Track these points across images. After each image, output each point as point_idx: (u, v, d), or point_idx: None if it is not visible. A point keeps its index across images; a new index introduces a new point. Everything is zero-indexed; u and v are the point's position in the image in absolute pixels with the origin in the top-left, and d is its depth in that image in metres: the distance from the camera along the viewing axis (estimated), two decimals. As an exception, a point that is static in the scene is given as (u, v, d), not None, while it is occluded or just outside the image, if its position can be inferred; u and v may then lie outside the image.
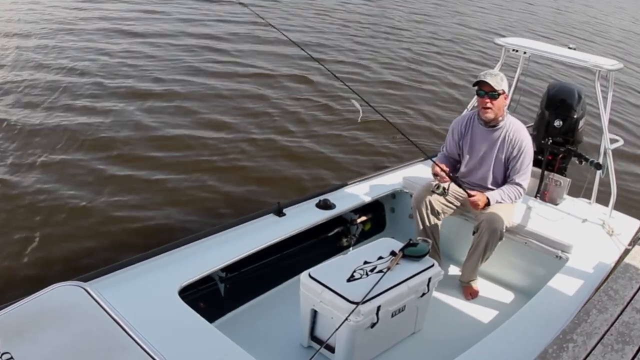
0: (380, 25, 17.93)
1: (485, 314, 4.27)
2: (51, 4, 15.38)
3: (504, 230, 4.20)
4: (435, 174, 4.39)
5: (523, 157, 4.34)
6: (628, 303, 3.34)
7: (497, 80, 4.17)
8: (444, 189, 4.29)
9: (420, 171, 5.21)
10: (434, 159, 4.48)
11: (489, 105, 4.23)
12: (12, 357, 1.95)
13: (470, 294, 4.45)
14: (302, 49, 4.71)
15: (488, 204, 4.28)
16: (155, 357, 1.98)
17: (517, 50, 4.99)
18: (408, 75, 12.79)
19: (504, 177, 4.47)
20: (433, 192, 4.33)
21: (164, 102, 9.39)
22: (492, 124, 4.36)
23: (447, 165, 4.50)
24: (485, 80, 4.17)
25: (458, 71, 13.70)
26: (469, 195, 4.22)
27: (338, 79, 4.76)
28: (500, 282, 4.64)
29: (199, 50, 12.48)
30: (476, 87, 4.27)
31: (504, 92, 4.23)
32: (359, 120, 4.57)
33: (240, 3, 5.90)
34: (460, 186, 4.28)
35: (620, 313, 3.23)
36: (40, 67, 10.51)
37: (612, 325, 3.11)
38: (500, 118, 4.34)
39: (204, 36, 13.62)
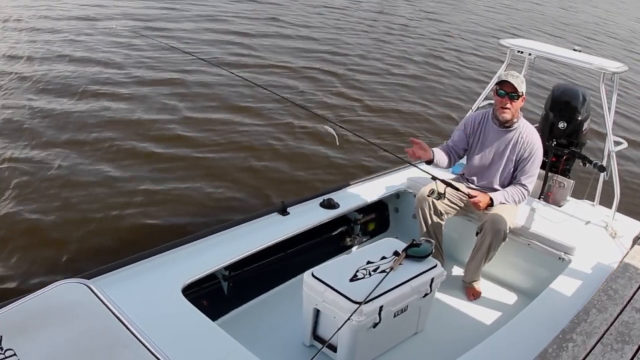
0: (390, 23, 18.34)
1: (487, 315, 4.28)
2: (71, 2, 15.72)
3: (508, 231, 4.20)
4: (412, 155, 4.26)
5: (533, 160, 4.34)
6: (627, 303, 3.35)
7: (519, 82, 4.20)
8: (439, 193, 4.28)
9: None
10: (434, 149, 4.46)
11: (507, 105, 4.25)
12: (15, 354, 1.97)
13: (473, 294, 4.46)
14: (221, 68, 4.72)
15: (491, 204, 4.28)
16: (157, 354, 1.99)
17: (522, 52, 4.99)
18: (417, 72, 12.98)
19: (512, 179, 4.47)
20: (428, 196, 4.34)
21: (171, 98, 9.49)
22: (507, 125, 4.36)
23: (446, 155, 4.50)
24: (508, 80, 4.19)
25: (466, 70, 13.82)
26: (470, 197, 4.23)
27: (303, 108, 4.80)
28: (502, 283, 4.64)
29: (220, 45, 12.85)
30: (497, 87, 4.29)
31: (523, 95, 4.25)
32: (338, 144, 4.58)
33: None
34: (457, 189, 4.26)
35: (620, 313, 3.25)
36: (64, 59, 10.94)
37: (611, 325, 3.13)
38: (515, 120, 4.34)
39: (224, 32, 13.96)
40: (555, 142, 5.06)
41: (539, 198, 5.00)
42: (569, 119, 4.98)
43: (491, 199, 4.27)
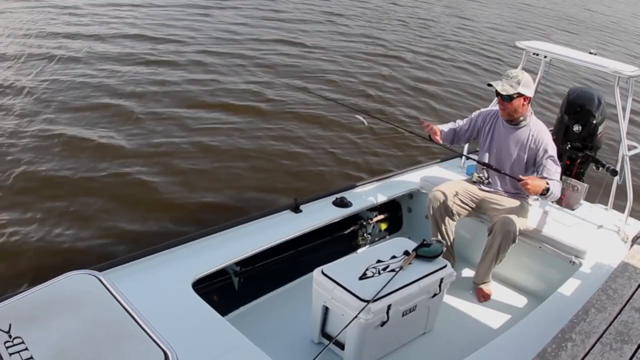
0: (416, 19, 18.74)
1: (496, 317, 4.28)
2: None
3: (518, 233, 4.20)
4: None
5: (550, 156, 4.23)
6: (627, 302, 3.35)
7: (512, 83, 4.13)
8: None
9: (438, 172, 5.23)
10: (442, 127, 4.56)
11: (501, 107, 4.27)
12: (23, 342, 2.01)
13: (483, 296, 4.46)
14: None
15: (544, 193, 3.97)
16: (163, 347, 2.01)
17: (537, 54, 4.98)
18: (437, 71, 13.11)
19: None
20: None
21: (187, 93, 9.57)
22: (513, 122, 4.34)
23: (448, 134, 4.60)
24: (492, 83, 4.19)
25: (482, 67, 14.03)
26: (519, 180, 4.00)
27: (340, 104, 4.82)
28: (513, 285, 4.64)
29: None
30: None
31: (519, 95, 4.17)
32: (366, 124, 4.63)
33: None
34: (499, 171, 4.28)
35: (619, 312, 3.25)
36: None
37: (610, 325, 3.13)
38: (522, 118, 4.30)
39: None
40: (569, 145, 5.04)
41: (552, 201, 4.98)
42: (584, 122, 4.95)
43: (547, 185, 3.98)
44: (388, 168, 7.45)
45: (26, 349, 1.99)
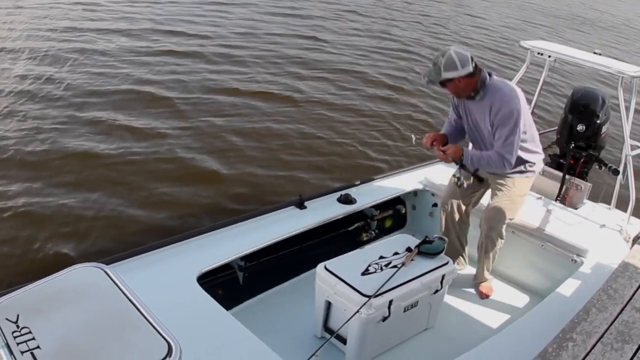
0: (429, 17, 19.03)
1: (498, 314, 4.30)
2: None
3: (503, 230, 4.19)
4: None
5: (504, 123, 3.89)
6: (628, 302, 3.35)
7: (436, 71, 3.81)
8: (458, 178, 4.15)
9: (442, 170, 5.24)
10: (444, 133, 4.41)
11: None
12: (30, 332, 2.06)
13: (483, 293, 4.49)
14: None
15: (461, 157, 3.98)
16: (167, 338, 2.06)
17: (542, 54, 4.98)
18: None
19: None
20: (458, 186, 4.19)
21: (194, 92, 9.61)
22: (468, 97, 4.03)
23: (450, 131, 4.37)
24: (420, 73, 4.09)
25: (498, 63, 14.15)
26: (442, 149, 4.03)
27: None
28: (515, 282, 4.66)
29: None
30: None
31: (449, 80, 3.84)
32: (415, 142, 4.50)
33: None
34: (464, 168, 4.06)
35: (620, 312, 3.26)
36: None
37: (611, 324, 3.14)
38: (472, 94, 3.96)
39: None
40: (573, 145, 5.06)
41: (556, 200, 5.00)
42: (588, 122, 4.96)
43: (462, 152, 3.99)
44: (400, 164, 7.47)
45: (33, 338, 2.04)
